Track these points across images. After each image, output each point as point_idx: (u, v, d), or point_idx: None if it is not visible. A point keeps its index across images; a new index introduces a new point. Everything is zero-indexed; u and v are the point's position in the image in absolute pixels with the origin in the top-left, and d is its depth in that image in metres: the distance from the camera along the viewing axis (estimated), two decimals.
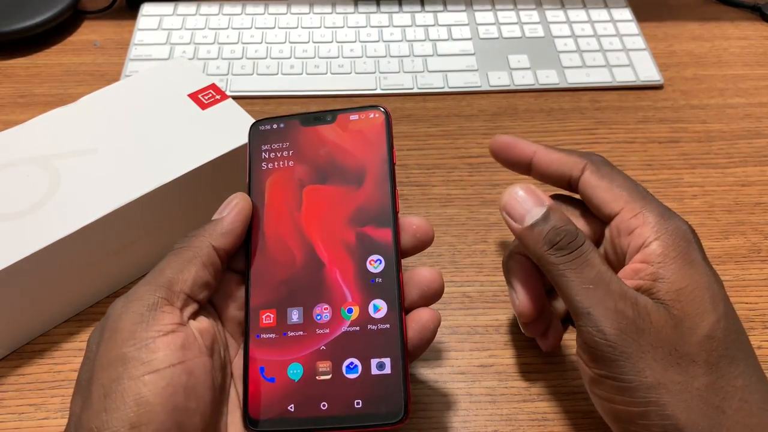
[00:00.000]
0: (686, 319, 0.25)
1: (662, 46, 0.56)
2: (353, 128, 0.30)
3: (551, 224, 0.27)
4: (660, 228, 0.27)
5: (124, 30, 0.56)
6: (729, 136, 0.48)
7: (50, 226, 0.32)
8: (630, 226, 0.28)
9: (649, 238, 0.27)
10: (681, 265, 0.26)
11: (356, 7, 0.57)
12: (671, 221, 0.27)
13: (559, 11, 0.57)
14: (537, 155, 0.31)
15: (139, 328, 0.23)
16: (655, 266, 0.26)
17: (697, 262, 0.26)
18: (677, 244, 0.26)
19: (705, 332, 0.24)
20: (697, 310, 0.25)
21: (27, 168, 0.34)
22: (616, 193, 0.28)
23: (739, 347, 0.25)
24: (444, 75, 0.52)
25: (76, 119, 0.37)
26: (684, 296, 0.25)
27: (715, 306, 0.25)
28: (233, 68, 0.51)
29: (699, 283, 0.25)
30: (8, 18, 0.52)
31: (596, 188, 0.29)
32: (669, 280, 0.25)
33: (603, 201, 0.29)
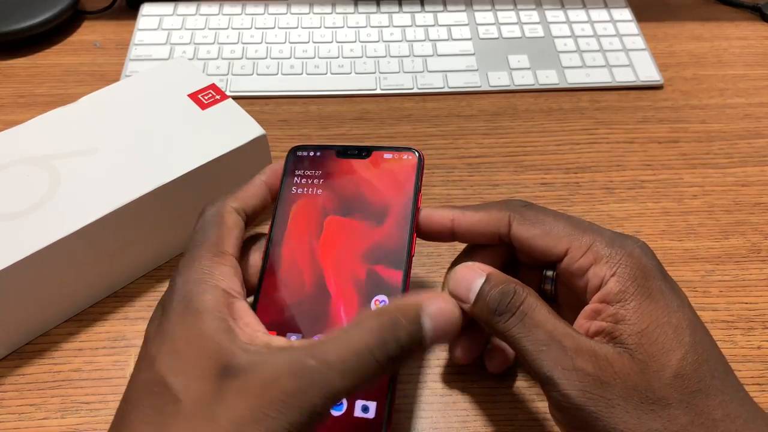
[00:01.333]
0: (651, 362, 0.24)
1: (662, 46, 0.56)
2: (385, 167, 0.30)
3: (488, 292, 0.26)
4: (613, 261, 0.26)
5: (124, 30, 0.56)
6: (729, 136, 0.48)
7: (50, 226, 0.32)
8: (582, 266, 0.26)
9: (606, 276, 0.26)
10: (641, 301, 0.25)
11: (356, 7, 0.57)
12: (623, 248, 0.26)
13: (559, 11, 0.57)
14: (456, 223, 0.29)
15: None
16: (615, 306, 0.25)
17: (656, 292, 0.25)
18: (634, 276, 0.25)
19: (673, 371, 0.23)
20: (662, 350, 0.24)
21: (27, 168, 0.34)
22: (555, 235, 0.27)
23: (713, 375, 0.24)
24: (444, 75, 0.52)
25: (76, 119, 0.37)
26: (646, 337, 0.24)
27: (680, 339, 0.24)
28: (233, 68, 0.51)
29: (660, 319, 0.24)
30: (8, 18, 0.52)
31: (531, 239, 0.27)
32: (630, 321, 0.24)
33: (544, 249, 0.27)
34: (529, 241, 0.28)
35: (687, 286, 0.38)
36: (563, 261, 0.27)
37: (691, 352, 0.24)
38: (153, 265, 0.38)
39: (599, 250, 0.26)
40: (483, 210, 0.29)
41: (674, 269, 0.39)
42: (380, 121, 0.48)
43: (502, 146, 0.47)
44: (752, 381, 0.34)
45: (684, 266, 0.39)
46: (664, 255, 0.40)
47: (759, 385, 0.34)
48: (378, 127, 0.48)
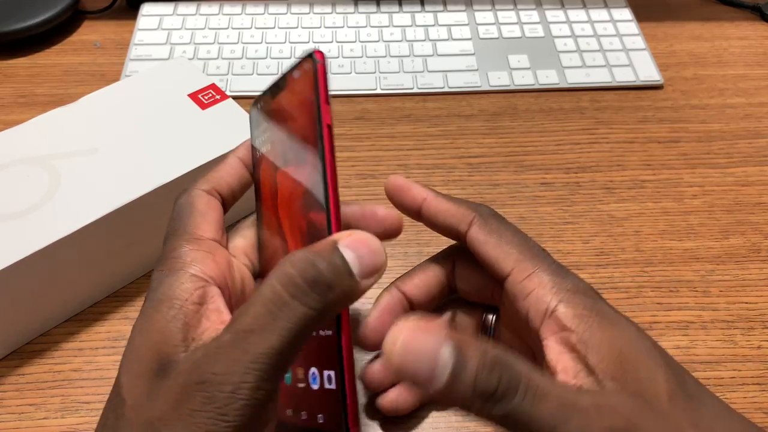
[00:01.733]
0: (646, 388, 0.22)
1: (662, 46, 0.56)
2: (295, 90, 0.25)
3: (473, 370, 0.20)
4: (558, 288, 0.25)
5: (124, 30, 0.56)
6: (729, 136, 0.48)
7: (50, 226, 0.32)
8: (524, 289, 0.25)
9: (551, 303, 0.24)
10: (600, 325, 0.23)
11: (356, 7, 0.57)
12: (567, 279, 0.25)
13: (559, 11, 0.57)
14: (426, 203, 0.28)
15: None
16: (576, 332, 0.23)
17: (611, 316, 0.24)
18: (583, 302, 0.24)
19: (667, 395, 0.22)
20: (648, 372, 0.22)
21: (27, 168, 0.34)
22: (505, 250, 0.26)
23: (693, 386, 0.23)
24: (444, 75, 0.52)
25: (76, 119, 0.37)
26: (627, 363, 0.22)
27: (655, 359, 0.23)
28: (233, 68, 0.51)
29: (630, 339, 0.23)
30: (8, 18, 0.52)
31: (484, 245, 0.27)
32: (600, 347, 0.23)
33: (492, 259, 0.26)
34: (481, 247, 0.27)
35: (687, 286, 0.38)
36: (507, 280, 0.26)
37: (669, 372, 0.23)
38: (153, 265, 0.38)
39: (542, 275, 0.25)
40: (453, 202, 0.28)
41: (674, 269, 0.39)
42: (380, 121, 0.48)
43: (502, 146, 0.47)
44: (752, 381, 0.34)
45: (684, 266, 0.39)
46: (665, 255, 0.40)
47: (759, 385, 0.34)
48: (378, 127, 0.48)
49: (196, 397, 0.19)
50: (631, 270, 0.39)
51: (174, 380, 0.20)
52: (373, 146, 0.47)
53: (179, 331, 0.21)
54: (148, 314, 0.22)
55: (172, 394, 0.20)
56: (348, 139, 0.47)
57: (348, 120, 0.48)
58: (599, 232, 0.41)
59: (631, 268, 0.39)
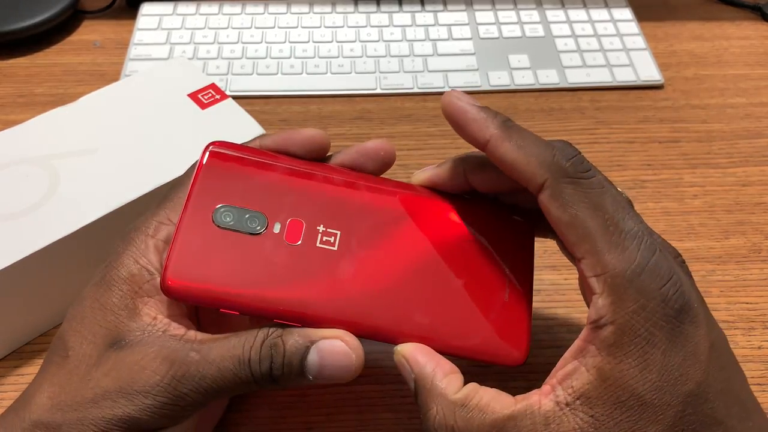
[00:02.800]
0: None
1: (662, 46, 0.56)
2: None
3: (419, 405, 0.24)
4: (620, 306, 0.21)
5: (124, 30, 0.55)
6: (729, 135, 0.48)
7: (50, 226, 0.32)
8: (591, 287, 0.23)
9: (605, 318, 0.22)
10: (631, 366, 0.21)
11: (356, 7, 0.57)
12: (640, 294, 0.21)
13: (559, 11, 0.57)
14: (490, 145, 0.24)
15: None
16: (601, 358, 0.22)
17: (653, 361, 0.21)
18: (637, 334, 0.21)
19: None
20: (632, 429, 0.21)
21: (27, 168, 0.34)
22: (580, 233, 0.22)
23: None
24: (444, 75, 0.52)
25: (76, 119, 0.37)
26: (619, 413, 0.21)
27: (659, 416, 0.21)
28: (233, 68, 0.51)
29: (645, 392, 0.21)
30: (8, 18, 0.52)
31: (557, 221, 0.23)
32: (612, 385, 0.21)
33: (565, 237, 0.23)
34: (553, 220, 0.23)
35: None
36: (579, 263, 0.23)
37: (666, 430, 0.21)
38: None
39: (613, 283, 0.22)
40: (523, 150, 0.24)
41: None
42: (380, 121, 0.48)
43: None
44: (753, 381, 0.34)
45: None
46: None
47: (759, 386, 0.34)
48: (378, 126, 0.48)
49: (138, 382, 0.22)
50: None
51: (121, 357, 0.23)
52: None
53: (129, 317, 0.24)
54: (101, 291, 0.24)
55: (118, 370, 0.23)
56: (348, 139, 0.47)
57: (348, 120, 0.48)
58: None
59: None
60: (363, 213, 0.27)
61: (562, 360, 0.24)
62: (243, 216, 0.25)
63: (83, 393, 0.23)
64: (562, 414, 0.22)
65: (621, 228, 0.22)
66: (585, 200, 0.23)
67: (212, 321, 0.27)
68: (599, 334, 0.22)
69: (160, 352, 0.23)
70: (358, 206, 0.27)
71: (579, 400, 0.22)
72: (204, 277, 0.24)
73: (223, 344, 0.23)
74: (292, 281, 0.24)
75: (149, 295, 0.24)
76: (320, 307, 0.24)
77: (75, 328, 0.24)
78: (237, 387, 0.23)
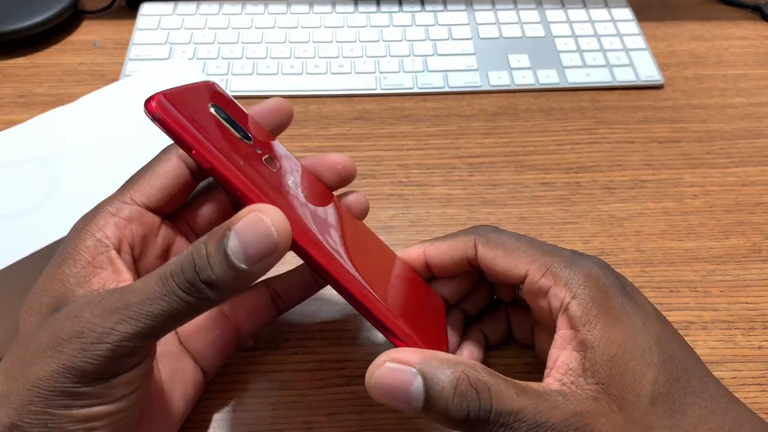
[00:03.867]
0: (627, 393, 0.23)
1: (662, 46, 0.56)
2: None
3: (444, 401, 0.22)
4: (572, 282, 0.26)
5: (124, 30, 0.55)
6: (729, 135, 0.48)
7: (50, 226, 0.32)
8: (542, 287, 0.26)
9: (566, 298, 0.25)
10: (605, 324, 0.24)
11: (356, 7, 0.57)
12: (580, 268, 0.26)
13: (559, 11, 0.57)
14: (427, 254, 0.30)
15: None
16: (581, 332, 0.25)
17: (618, 313, 0.25)
18: (594, 297, 0.25)
19: (648, 398, 0.23)
20: (634, 377, 0.24)
21: (27, 168, 0.34)
22: (516, 256, 0.27)
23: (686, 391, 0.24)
24: (444, 75, 0.52)
25: (76, 119, 0.37)
26: (617, 366, 0.24)
27: (648, 362, 0.24)
28: (233, 68, 0.51)
29: (626, 342, 0.24)
30: (8, 18, 0.52)
31: (495, 260, 0.28)
32: (598, 347, 0.24)
33: (506, 270, 0.27)
34: (492, 262, 0.28)
35: (688, 286, 0.38)
36: (524, 282, 0.27)
37: (662, 372, 0.24)
38: None
39: (557, 271, 0.26)
40: (450, 238, 0.30)
41: (675, 269, 0.39)
42: (380, 121, 0.48)
43: (502, 146, 0.47)
44: (753, 381, 0.34)
45: (685, 266, 0.39)
46: (665, 255, 0.40)
47: (759, 386, 0.34)
48: (378, 126, 0.48)
49: (67, 330, 0.22)
50: (631, 270, 0.39)
51: (58, 315, 0.22)
52: (373, 146, 0.46)
53: (77, 284, 0.23)
54: (55, 265, 0.24)
55: (53, 326, 0.22)
56: (348, 139, 0.47)
57: (348, 120, 0.48)
58: (600, 232, 0.41)
59: (631, 268, 0.39)
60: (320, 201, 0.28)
61: (551, 356, 0.26)
62: (233, 122, 0.26)
63: (25, 358, 0.22)
64: (572, 391, 0.24)
65: (544, 244, 0.28)
66: (509, 236, 0.28)
67: None
68: (568, 315, 0.25)
69: (90, 304, 0.22)
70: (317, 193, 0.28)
71: (581, 377, 0.24)
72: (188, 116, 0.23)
73: (149, 275, 0.22)
74: (256, 173, 0.24)
75: (102, 266, 0.24)
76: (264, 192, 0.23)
77: (26, 303, 0.24)
78: (166, 311, 0.21)
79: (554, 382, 0.25)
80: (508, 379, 0.24)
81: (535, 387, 0.24)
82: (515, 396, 0.23)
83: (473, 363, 0.23)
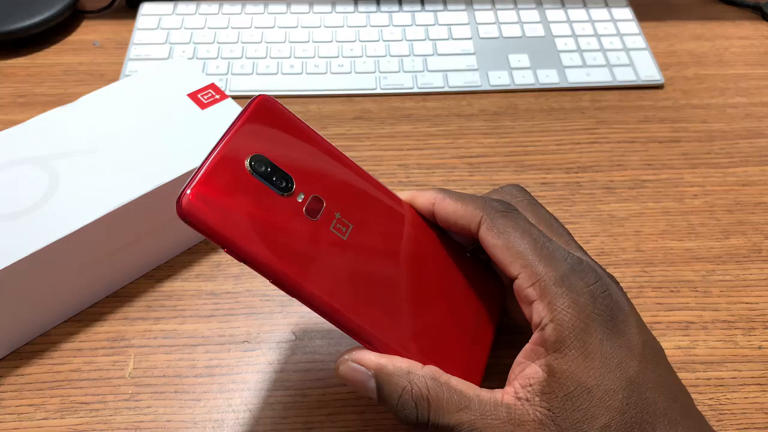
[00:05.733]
0: (574, 430, 0.23)
1: (663, 46, 0.56)
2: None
3: (394, 403, 0.25)
4: (556, 304, 0.24)
5: (124, 30, 0.55)
6: (730, 135, 0.48)
7: (50, 226, 0.32)
8: (528, 297, 0.25)
9: (545, 319, 0.25)
10: (574, 358, 0.24)
11: (356, 7, 0.57)
12: (570, 291, 0.25)
13: (559, 10, 0.57)
14: (435, 206, 0.29)
15: None
16: (550, 356, 0.24)
17: (592, 349, 0.24)
18: (574, 327, 0.24)
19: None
20: (586, 416, 0.23)
21: (27, 168, 0.34)
22: (513, 253, 0.26)
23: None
24: (444, 74, 0.51)
25: (76, 119, 0.37)
26: (571, 402, 0.24)
27: (608, 405, 0.23)
28: (233, 68, 0.51)
29: (590, 381, 0.24)
30: (8, 18, 0.52)
31: (493, 247, 0.27)
32: (560, 378, 0.24)
33: (501, 262, 0.26)
34: (490, 249, 0.27)
35: (688, 286, 0.38)
36: (515, 283, 0.26)
37: (618, 417, 0.23)
38: (153, 266, 0.38)
39: (546, 286, 0.25)
40: (462, 202, 0.28)
41: (675, 269, 0.39)
42: (380, 121, 0.48)
43: (502, 146, 0.47)
44: (753, 381, 0.34)
45: (685, 266, 0.39)
46: (665, 255, 0.40)
47: (759, 386, 0.34)
48: (378, 126, 0.48)
49: None
50: (631, 270, 0.39)
51: None
52: (373, 146, 0.46)
53: None
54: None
55: None
56: (348, 138, 0.47)
57: (348, 120, 0.48)
58: (600, 232, 0.41)
59: (631, 268, 0.39)
60: (377, 217, 0.27)
61: (518, 362, 0.26)
62: (275, 172, 0.25)
63: None
64: (523, 407, 0.24)
65: (548, 246, 0.26)
66: (515, 227, 0.27)
67: None
68: (543, 335, 0.25)
69: None
70: (374, 208, 0.27)
71: (537, 397, 0.24)
72: (221, 211, 0.23)
73: None
74: (298, 254, 0.24)
75: None
76: (314, 286, 0.24)
77: None
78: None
79: (510, 395, 0.25)
80: (454, 391, 0.25)
81: (486, 397, 0.25)
82: (454, 412, 0.24)
83: (425, 373, 0.25)
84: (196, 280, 0.38)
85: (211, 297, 0.37)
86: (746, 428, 0.32)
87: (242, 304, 0.37)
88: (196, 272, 0.38)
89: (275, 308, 0.37)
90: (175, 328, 0.36)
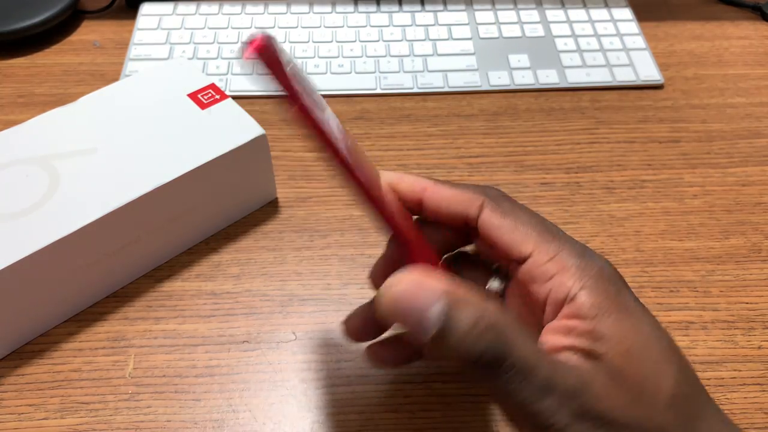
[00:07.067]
0: (647, 384, 0.21)
1: (662, 46, 0.56)
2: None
3: (461, 333, 0.20)
4: (583, 273, 0.23)
5: (124, 30, 0.55)
6: (729, 135, 0.48)
7: (50, 226, 0.32)
8: (547, 272, 0.23)
9: (573, 288, 0.23)
10: (618, 317, 0.22)
11: (356, 7, 0.57)
12: (592, 262, 0.23)
13: (559, 11, 0.57)
14: (427, 192, 0.26)
15: None
16: (589, 322, 0.22)
17: (632, 308, 0.23)
18: (607, 290, 0.23)
19: (670, 395, 0.21)
20: (655, 371, 0.21)
21: (27, 168, 0.34)
22: (524, 232, 0.24)
23: (705, 398, 0.22)
24: (444, 74, 0.52)
25: (76, 119, 0.37)
26: (636, 357, 0.21)
27: (669, 359, 0.22)
28: (233, 68, 0.51)
29: (645, 334, 0.22)
30: (8, 18, 0.52)
31: (499, 229, 0.25)
32: (612, 339, 0.22)
33: (509, 243, 0.24)
34: (496, 231, 0.25)
35: (688, 286, 0.38)
36: (526, 262, 0.24)
37: (683, 372, 0.22)
38: (153, 265, 0.38)
39: (567, 259, 0.23)
40: (458, 188, 0.26)
41: (675, 269, 0.39)
42: (380, 121, 0.48)
43: (502, 146, 0.47)
44: (753, 381, 0.34)
45: (685, 266, 0.39)
46: (665, 255, 0.40)
47: (759, 386, 0.34)
48: (378, 126, 0.48)
49: None
50: (631, 270, 0.39)
51: None
52: (373, 146, 0.46)
53: None
54: None
55: None
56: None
57: (348, 120, 0.48)
58: (599, 232, 0.41)
59: (631, 268, 0.39)
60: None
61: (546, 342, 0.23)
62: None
63: None
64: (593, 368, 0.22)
65: (555, 228, 0.25)
66: (521, 208, 0.26)
67: None
68: (576, 304, 0.23)
69: None
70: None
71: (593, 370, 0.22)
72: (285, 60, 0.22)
73: None
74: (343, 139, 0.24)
75: None
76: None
77: None
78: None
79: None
80: (529, 331, 0.22)
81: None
82: (533, 352, 0.21)
83: (498, 304, 0.22)
84: (196, 280, 0.38)
85: (211, 297, 0.37)
86: (746, 428, 0.32)
87: (242, 304, 0.37)
88: (196, 272, 0.38)
89: (275, 308, 0.37)
90: (175, 328, 0.36)
